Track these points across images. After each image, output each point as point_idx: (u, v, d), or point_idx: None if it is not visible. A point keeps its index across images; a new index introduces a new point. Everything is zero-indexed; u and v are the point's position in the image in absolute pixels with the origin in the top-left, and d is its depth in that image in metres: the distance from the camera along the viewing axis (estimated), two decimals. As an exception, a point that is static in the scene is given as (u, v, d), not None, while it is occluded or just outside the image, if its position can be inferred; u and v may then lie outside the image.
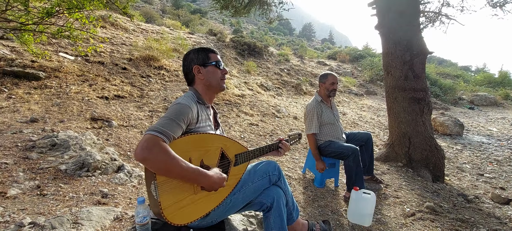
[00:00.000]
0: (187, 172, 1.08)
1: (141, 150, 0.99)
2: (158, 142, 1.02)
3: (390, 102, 3.88)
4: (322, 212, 2.47)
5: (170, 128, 1.09)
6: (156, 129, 1.06)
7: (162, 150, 1.02)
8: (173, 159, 1.04)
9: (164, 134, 1.06)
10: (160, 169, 1.04)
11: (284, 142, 1.67)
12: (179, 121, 1.15)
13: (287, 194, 1.54)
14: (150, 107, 4.16)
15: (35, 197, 1.54)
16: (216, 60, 1.39)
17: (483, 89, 13.08)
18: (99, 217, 1.43)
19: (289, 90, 8.62)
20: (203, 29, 12.70)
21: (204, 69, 1.37)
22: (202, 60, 1.37)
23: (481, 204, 3.03)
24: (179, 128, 1.15)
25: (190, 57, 1.39)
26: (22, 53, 4.46)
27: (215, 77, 1.38)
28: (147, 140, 1.01)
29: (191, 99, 1.29)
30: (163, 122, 1.11)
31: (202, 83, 1.38)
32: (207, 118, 1.38)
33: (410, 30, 3.62)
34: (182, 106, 1.20)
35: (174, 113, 1.16)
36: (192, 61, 1.38)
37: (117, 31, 7.26)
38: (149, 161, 1.00)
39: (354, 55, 16.55)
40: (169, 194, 1.10)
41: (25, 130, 2.43)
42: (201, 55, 1.38)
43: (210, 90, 1.41)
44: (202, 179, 1.13)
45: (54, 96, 3.68)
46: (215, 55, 1.41)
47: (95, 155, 2.05)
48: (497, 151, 5.37)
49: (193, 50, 1.40)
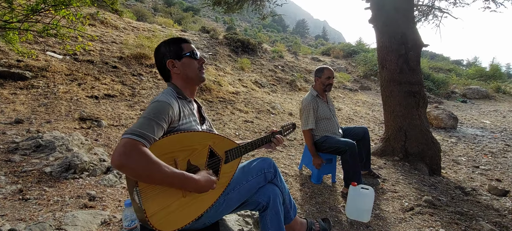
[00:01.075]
0: (171, 178, 0.97)
1: (118, 156, 0.88)
2: (137, 146, 0.92)
3: (386, 97, 3.84)
4: (320, 209, 2.42)
5: (149, 129, 0.99)
6: (134, 131, 0.95)
7: (142, 155, 0.91)
8: (154, 164, 0.94)
9: (143, 137, 0.95)
10: (140, 176, 0.93)
11: (278, 135, 1.59)
12: (159, 121, 1.03)
13: (284, 192, 1.47)
14: (141, 106, 4.06)
15: (17, 202, 1.45)
16: (191, 50, 1.28)
17: (475, 82, 13.23)
18: (85, 221, 1.34)
19: (284, 86, 8.56)
20: (196, 27, 12.54)
21: (178, 62, 1.25)
22: (175, 52, 1.25)
23: (479, 196, 3.02)
24: (160, 128, 1.04)
25: (162, 51, 1.27)
26: (8, 52, 4.30)
27: (192, 69, 1.27)
28: (124, 145, 0.90)
29: (170, 95, 1.17)
30: (141, 123, 0.99)
31: (179, 78, 1.28)
32: (190, 113, 1.28)
33: (404, 23, 3.58)
34: (161, 104, 1.09)
35: (153, 112, 1.05)
36: (164, 56, 1.26)
37: (107, 29, 7.09)
38: (127, 168, 0.89)
39: (348, 51, 16.56)
40: (154, 200, 1.00)
41: (8, 132, 2.31)
42: (173, 47, 1.26)
43: (189, 83, 1.31)
44: (188, 184, 1.03)
45: (41, 97, 3.55)
46: (189, 44, 1.29)
47: (82, 156, 1.95)
48: (491, 143, 5.40)
49: (163, 43, 1.27)
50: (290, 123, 1.79)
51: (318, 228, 1.72)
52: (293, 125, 1.81)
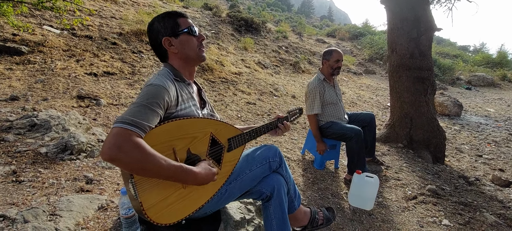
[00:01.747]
0: (168, 171, 0.88)
1: (109, 148, 0.79)
2: (130, 137, 0.82)
3: (394, 82, 3.72)
4: (322, 195, 2.38)
5: (143, 117, 0.88)
6: (126, 120, 0.85)
7: (136, 147, 0.81)
8: (149, 156, 0.84)
9: (137, 126, 0.85)
10: (134, 170, 0.84)
11: (285, 122, 1.50)
12: (153, 107, 0.93)
13: (289, 182, 1.40)
14: (142, 85, 3.95)
15: (10, 184, 1.39)
16: (188, 26, 1.15)
17: (481, 69, 12.94)
18: (81, 206, 1.29)
19: (287, 68, 8.38)
20: (198, 3, 12.11)
21: (176, 40, 1.13)
22: (171, 29, 1.12)
23: (482, 186, 2.97)
24: (155, 115, 0.93)
25: (155, 28, 1.13)
26: (3, 26, 4.14)
27: (191, 47, 1.15)
28: (116, 135, 0.81)
29: (166, 77, 1.06)
30: (134, 110, 0.89)
31: (177, 57, 1.16)
32: (189, 96, 1.17)
33: (418, 3, 3.39)
34: (156, 88, 0.98)
35: (147, 97, 0.94)
36: (159, 33, 1.13)
37: (106, 3, 6.83)
38: (119, 161, 0.79)
39: (354, 33, 16.12)
40: (152, 191, 0.92)
41: (2, 109, 2.23)
42: (168, 23, 1.13)
43: (188, 63, 1.19)
44: (187, 177, 0.94)
45: (38, 73, 3.44)
46: (185, 19, 1.16)
47: (80, 137, 1.88)
48: (494, 131, 5.33)
49: (156, 18, 1.14)
50: (296, 108, 1.69)
51: (322, 217, 1.66)
52: (300, 110, 1.71)
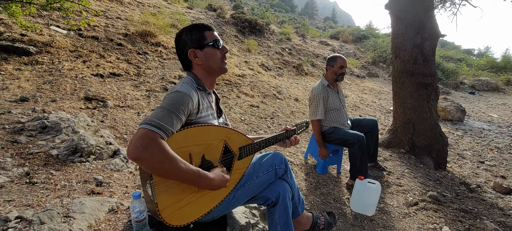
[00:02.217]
0: (187, 174, 0.95)
1: (135, 147, 0.85)
2: (156, 139, 0.88)
3: (397, 87, 3.75)
4: (325, 200, 2.42)
5: (168, 122, 0.95)
6: (153, 122, 0.91)
7: (160, 149, 0.88)
8: (172, 159, 0.90)
9: (162, 129, 0.92)
10: (156, 170, 0.91)
11: (295, 136, 1.57)
12: (178, 113, 1.00)
13: (293, 188, 1.45)
14: (147, 87, 4.01)
15: (24, 186, 1.44)
16: (214, 39, 1.21)
17: (486, 74, 12.90)
18: (93, 208, 1.34)
19: (291, 70, 8.42)
20: (202, 4, 12.18)
21: (201, 52, 1.19)
22: (198, 41, 1.19)
23: (484, 193, 3.00)
24: (178, 121, 1.00)
25: (183, 39, 1.20)
26: (11, 26, 4.21)
27: (215, 59, 1.22)
28: (142, 136, 0.87)
29: (190, 86, 1.13)
30: (161, 113, 0.95)
31: (201, 68, 1.22)
32: (209, 105, 1.23)
33: (423, 10, 3.42)
34: (181, 95, 1.05)
35: (173, 103, 1.01)
36: (186, 45, 1.20)
37: (112, 4, 6.90)
38: (144, 160, 0.86)
39: (357, 35, 16.12)
40: (167, 193, 0.99)
41: (14, 110, 2.29)
42: (195, 35, 1.19)
43: (211, 74, 1.25)
44: (202, 181, 1.00)
45: (46, 73, 3.50)
46: (212, 32, 1.22)
47: (89, 139, 1.93)
48: (497, 137, 5.33)
49: (185, 30, 1.21)
50: (303, 121, 1.75)
51: (323, 222, 1.71)
52: (307, 124, 1.79)
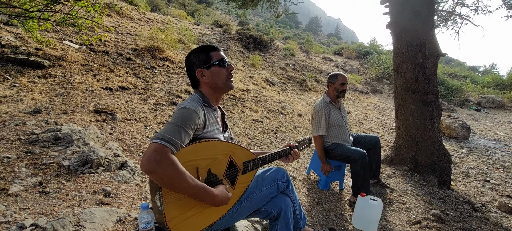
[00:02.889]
0: (193, 189, 1.00)
1: (148, 161, 0.91)
2: (167, 154, 0.95)
3: (399, 104, 3.79)
4: (327, 216, 2.43)
5: (178, 137, 1.02)
6: (164, 137, 0.98)
7: (171, 163, 0.95)
8: (181, 174, 0.97)
9: (173, 144, 0.99)
10: (165, 183, 0.97)
11: (295, 150, 1.61)
12: (186, 128, 1.07)
13: (295, 203, 1.49)
14: (154, 100, 4.12)
15: (37, 195, 1.51)
16: (220, 59, 1.28)
17: (491, 91, 12.83)
18: (102, 218, 1.39)
19: (294, 86, 8.52)
20: (208, 20, 12.54)
21: (207, 71, 1.27)
22: (204, 61, 1.27)
23: (488, 213, 2.97)
24: (187, 136, 1.07)
25: (191, 60, 1.29)
26: (27, 40, 4.41)
27: (221, 78, 1.28)
28: (156, 151, 0.94)
29: (197, 103, 1.20)
30: (171, 129, 1.03)
31: (207, 86, 1.29)
32: (215, 121, 1.30)
33: (423, 29, 3.50)
34: (189, 112, 1.12)
35: (181, 119, 1.08)
36: (193, 65, 1.28)
37: (122, 20, 7.17)
38: (156, 173, 0.92)
39: (361, 51, 16.31)
40: (175, 205, 1.05)
41: (28, 122, 2.40)
42: (202, 56, 1.27)
43: (217, 91, 1.33)
44: (206, 197, 1.06)
45: (58, 86, 3.64)
46: (218, 52, 1.29)
47: (99, 151, 2.01)
48: (503, 156, 5.27)
49: (193, 52, 1.29)
50: (306, 138, 1.81)
51: (325, 238, 1.73)
52: (310, 140, 1.84)
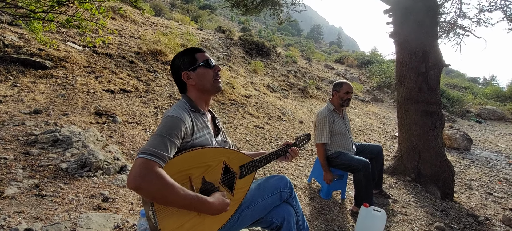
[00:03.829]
0: (185, 200, 0.95)
1: (134, 178, 0.87)
2: (153, 168, 0.91)
3: (402, 114, 3.76)
4: (329, 226, 2.38)
5: (163, 148, 0.97)
6: (148, 151, 0.94)
7: (158, 177, 0.90)
8: (170, 186, 0.92)
9: (158, 156, 0.94)
10: (155, 198, 0.92)
11: (293, 147, 1.55)
12: (172, 138, 1.03)
13: (298, 212, 1.45)
14: (155, 104, 4.09)
15: (33, 198, 1.47)
16: (205, 60, 1.24)
17: (491, 103, 12.83)
18: (99, 224, 1.35)
19: (296, 92, 8.52)
20: (211, 25, 12.61)
21: (193, 73, 1.23)
22: (190, 63, 1.23)
23: (493, 226, 2.92)
24: (173, 146, 1.02)
25: (176, 64, 1.25)
26: (30, 40, 4.41)
27: (207, 79, 1.25)
28: (140, 166, 0.89)
29: (182, 109, 1.15)
30: (155, 141, 0.98)
31: (195, 89, 1.25)
32: (204, 125, 1.26)
33: (427, 40, 3.50)
34: (173, 120, 1.08)
35: (166, 129, 1.03)
36: (179, 68, 1.24)
37: (126, 23, 7.20)
38: (143, 189, 0.88)
39: (362, 60, 16.37)
40: (170, 218, 1.00)
41: (27, 122, 2.36)
42: (187, 58, 1.24)
43: (205, 94, 1.28)
44: (201, 206, 1.01)
45: (59, 87, 3.62)
46: (203, 53, 1.26)
47: (98, 154, 1.98)
48: (505, 168, 5.22)
49: (177, 55, 1.26)
50: (304, 134, 1.74)
51: (328, 249, 1.68)
52: (308, 136, 1.75)
